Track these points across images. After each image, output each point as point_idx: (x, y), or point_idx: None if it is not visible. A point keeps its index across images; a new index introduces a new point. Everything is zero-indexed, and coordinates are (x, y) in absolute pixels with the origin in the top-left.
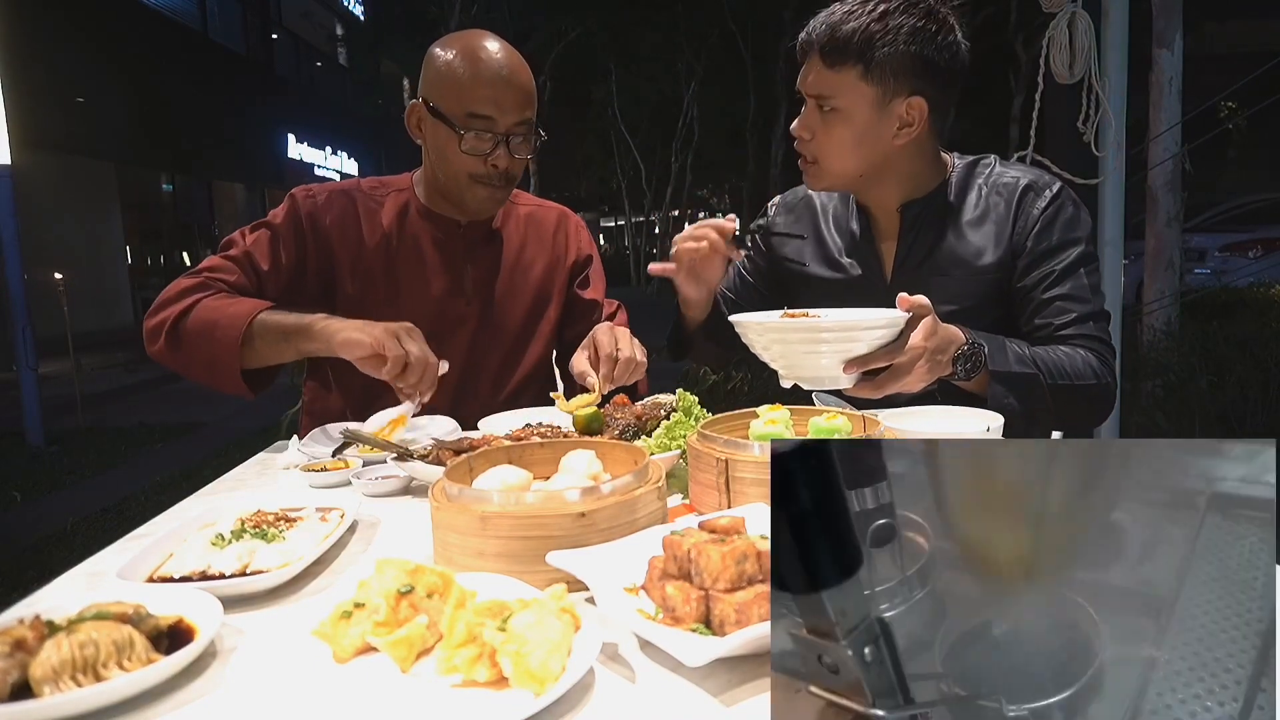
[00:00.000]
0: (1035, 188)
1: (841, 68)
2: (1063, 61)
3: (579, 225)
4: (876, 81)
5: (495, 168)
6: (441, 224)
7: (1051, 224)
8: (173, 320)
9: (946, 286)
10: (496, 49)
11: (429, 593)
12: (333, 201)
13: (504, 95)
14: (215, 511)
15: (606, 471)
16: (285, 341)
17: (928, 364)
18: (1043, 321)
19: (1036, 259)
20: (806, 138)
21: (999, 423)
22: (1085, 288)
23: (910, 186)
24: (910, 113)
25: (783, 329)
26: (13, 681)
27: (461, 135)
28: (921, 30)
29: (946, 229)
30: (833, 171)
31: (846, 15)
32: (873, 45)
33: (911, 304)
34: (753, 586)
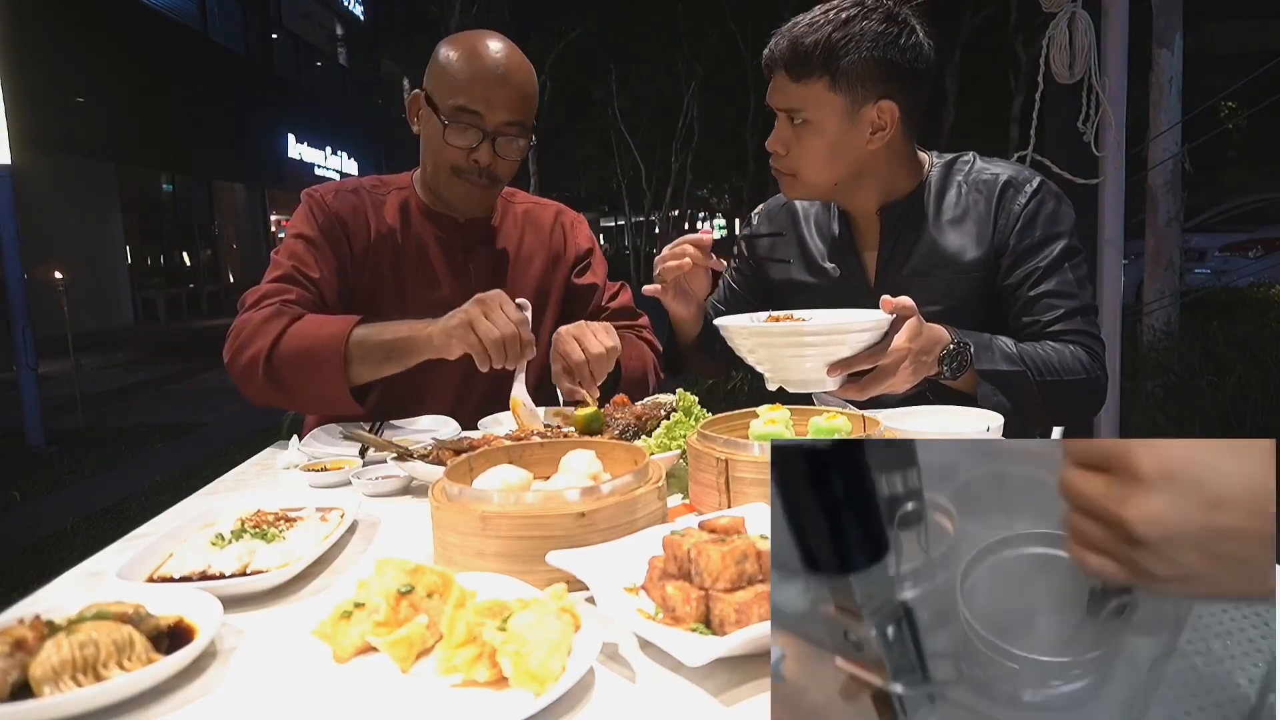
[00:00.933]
0: (1015, 184)
1: (807, 80)
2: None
3: (576, 220)
4: (844, 90)
5: (477, 162)
6: (442, 222)
7: (1033, 220)
8: (265, 356)
9: (930, 287)
10: (498, 48)
11: (429, 593)
12: (342, 198)
13: (494, 92)
14: (215, 511)
15: (606, 471)
16: (389, 359)
17: (912, 365)
18: (1030, 319)
19: (1020, 256)
20: (781, 152)
21: (999, 422)
22: (1071, 282)
23: (888, 189)
24: (882, 117)
25: (767, 333)
26: (13, 681)
27: (446, 126)
28: (883, 35)
29: (927, 229)
30: (810, 182)
31: (808, 28)
32: (836, 55)
33: (895, 306)
34: (753, 586)
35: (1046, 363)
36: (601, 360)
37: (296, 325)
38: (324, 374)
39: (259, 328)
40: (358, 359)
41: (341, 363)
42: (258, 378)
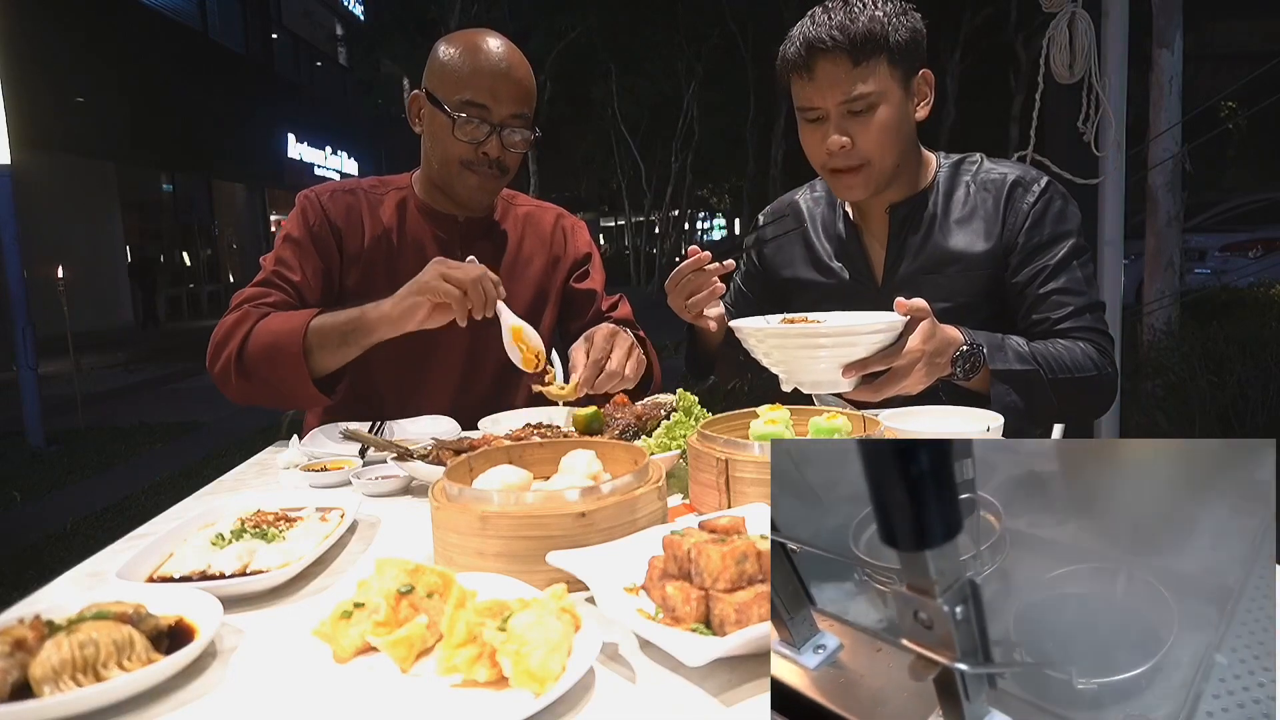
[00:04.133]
0: (1023, 183)
1: (869, 61)
2: (1063, 61)
3: (576, 225)
4: (901, 64)
5: (486, 155)
6: (440, 220)
7: (1042, 219)
8: (235, 355)
9: (938, 285)
10: (497, 44)
11: (429, 593)
12: (337, 199)
13: (500, 86)
14: (215, 511)
15: (606, 471)
16: (346, 343)
17: (926, 366)
18: (1040, 316)
19: (1029, 255)
20: (849, 145)
21: (999, 422)
22: (1079, 280)
23: (897, 187)
24: (924, 84)
25: (782, 334)
26: (13, 681)
27: (455, 121)
28: (904, 7)
29: (935, 228)
30: (882, 168)
31: (856, 13)
32: (889, 31)
33: (909, 308)
34: (753, 586)
35: (1058, 361)
36: (610, 378)
37: (262, 323)
38: (288, 366)
39: (230, 330)
40: (317, 347)
41: (301, 353)
42: (232, 378)
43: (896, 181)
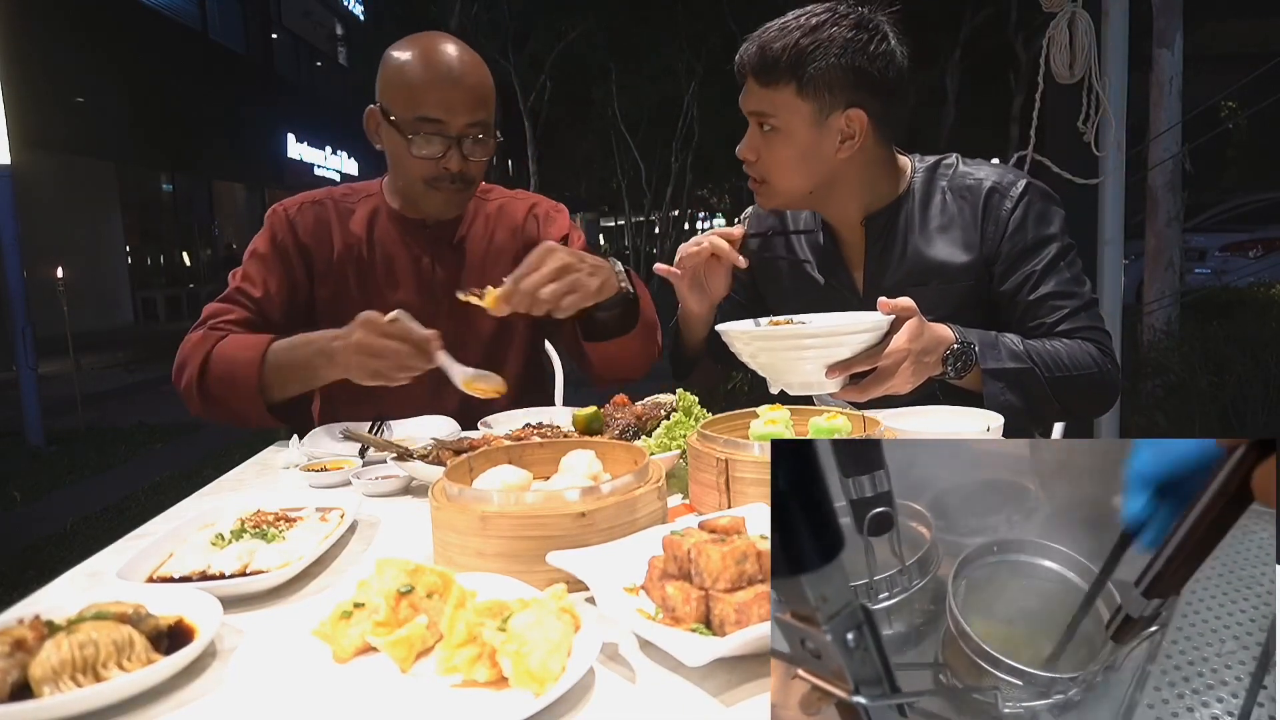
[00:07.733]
0: (1000, 189)
1: (775, 86)
2: (1063, 61)
3: (553, 210)
4: (811, 97)
5: (448, 170)
6: (409, 227)
7: (1023, 224)
8: (196, 380)
9: (919, 296)
10: (446, 49)
11: (429, 593)
12: (305, 212)
13: (453, 96)
14: (215, 511)
15: (606, 471)
16: (299, 381)
17: (913, 365)
18: (1035, 322)
19: (1014, 262)
20: (752, 159)
21: (999, 422)
22: (1069, 280)
23: (869, 197)
24: (850, 125)
25: (767, 336)
26: (13, 681)
27: (411, 140)
28: (852, 41)
29: (913, 239)
30: (781, 190)
31: (778, 33)
32: (804, 61)
33: (893, 307)
34: (753, 586)
35: (1055, 358)
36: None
37: (219, 348)
38: (245, 399)
39: (190, 352)
40: (274, 384)
41: (256, 387)
42: (195, 400)
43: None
